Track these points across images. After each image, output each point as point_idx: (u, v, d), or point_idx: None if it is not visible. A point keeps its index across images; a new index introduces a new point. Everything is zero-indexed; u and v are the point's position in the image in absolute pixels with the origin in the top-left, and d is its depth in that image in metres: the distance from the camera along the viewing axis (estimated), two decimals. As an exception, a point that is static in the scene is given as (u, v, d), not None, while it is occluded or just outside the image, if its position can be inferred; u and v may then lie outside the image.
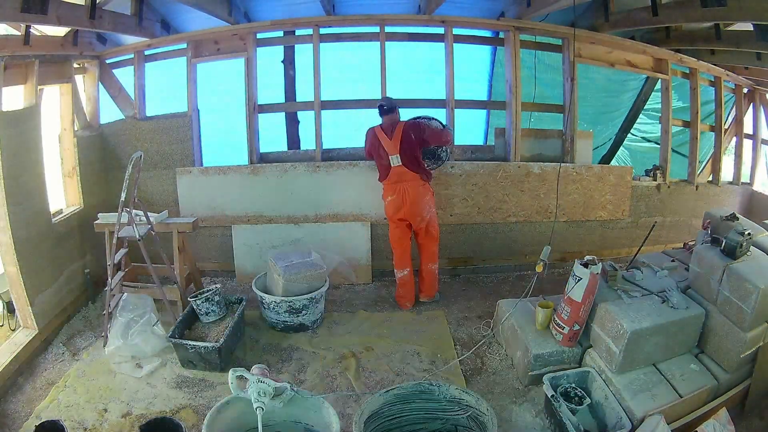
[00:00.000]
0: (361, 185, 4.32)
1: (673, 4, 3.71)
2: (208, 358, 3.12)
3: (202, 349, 3.09)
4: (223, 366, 3.13)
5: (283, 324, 3.61)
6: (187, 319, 3.40)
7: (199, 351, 3.11)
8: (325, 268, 3.72)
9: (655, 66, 4.84)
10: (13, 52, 3.22)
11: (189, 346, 3.11)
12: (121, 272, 3.55)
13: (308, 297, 3.55)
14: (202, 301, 3.39)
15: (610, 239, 4.87)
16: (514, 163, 4.46)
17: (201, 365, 3.15)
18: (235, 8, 4.30)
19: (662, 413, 2.49)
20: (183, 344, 3.12)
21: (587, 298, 2.90)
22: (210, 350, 3.09)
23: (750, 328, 2.62)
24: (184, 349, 3.13)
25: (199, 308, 3.41)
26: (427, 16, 4.28)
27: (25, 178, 3.34)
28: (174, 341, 3.14)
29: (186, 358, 3.16)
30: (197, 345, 3.10)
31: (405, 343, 3.54)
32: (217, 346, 3.07)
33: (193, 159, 4.39)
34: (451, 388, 2.52)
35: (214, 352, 3.09)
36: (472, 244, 4.68)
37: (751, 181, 5.72)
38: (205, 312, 3.41)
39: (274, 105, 4.80)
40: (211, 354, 3.10)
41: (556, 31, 4.47)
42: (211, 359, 3.12)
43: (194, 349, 3.11)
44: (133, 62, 4.36)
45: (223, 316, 3.48)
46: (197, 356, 3.13)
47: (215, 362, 3.12)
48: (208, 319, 3.42)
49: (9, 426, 2.69)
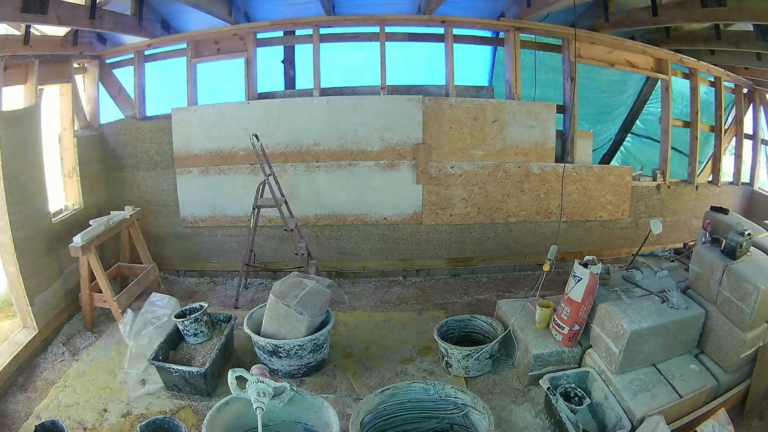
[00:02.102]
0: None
1: (673, 4, 3.71)
2: (194, 383, 2.90)
3: (187, 373, 2.85)
4: (209, 391, 2.92)
5: (306, 368, 3.12)
6: (172, 339, 3.16)
7: (183, 375, 2.86)
8: (327, 287, 3.29)
9: (655, 66, 4.84)
10: (13, 52, 3.22)
11: (173, 370, 2.87)
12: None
13: (328, 329, 3.13)
14: (190, 322, 3.14)
15: (610, 239, 4.87)
16: (514, 162, 4.46)
17: (186, 389, 2.93)
18: (235, 8, 4.30)
19: (662, 413, 2.48)
20: (166, 368, 2.89)
21: (587, 298, 2.90)
22: (195, 375, 2.84)
23: (750, 328, 2.62)
24: (168, 373, 2.90)
25: (186, 329, 3.16)
26: (427, 16, 4.28)
27: (25, 178, 3.34)
28: (157, 364, 2.90)
29: (170, 381, 2.94)
30: (182, 369, 2.85)
31: (405, 343, 3.54)
32: (203, 371, 2.83)
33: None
34: (446, 387, 2.52)
35: (199, 377, 2.84)
36: (472, 244, 4.68)
37: (751, 182, 5.71)
38: (193, 333, 3.17)
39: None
40: (197, 379, 2.86)
41: (556, 31, 4.47)
42: (197, 384, 2.89)
43: (179, 373, 2.86)
44: (133, 62, 4.36)
45: (210, 337, 3.23)
46: (182, 380, 2.90)
47: (201, 387, 2.89)
48: (196, 341, 3.19)
49: (9, 426, 2.69)
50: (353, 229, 4.55)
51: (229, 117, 4.27)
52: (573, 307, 2.93)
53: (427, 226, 4.56)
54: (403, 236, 4.58)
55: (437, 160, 4.39)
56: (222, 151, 4.32)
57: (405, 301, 4.21)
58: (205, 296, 4.28)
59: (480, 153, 4.42)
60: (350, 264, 4.62)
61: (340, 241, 4.58)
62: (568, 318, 2.96)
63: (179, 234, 4.56)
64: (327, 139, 4.31)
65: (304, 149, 4.32)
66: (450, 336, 3.33)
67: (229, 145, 4.30)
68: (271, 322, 3.09)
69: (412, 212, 4.50)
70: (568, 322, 2.97)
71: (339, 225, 4.53)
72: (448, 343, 3.16)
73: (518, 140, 4.43)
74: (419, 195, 4.46)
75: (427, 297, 4.28)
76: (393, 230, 4.56)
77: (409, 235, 4.59)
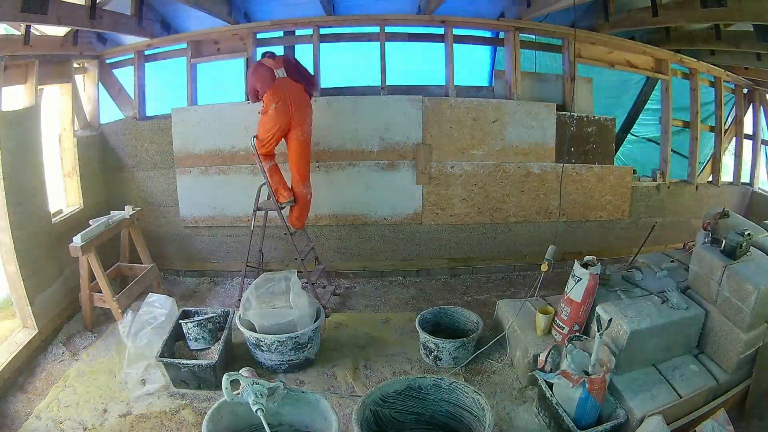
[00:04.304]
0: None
1: (673, 5, 3.71)
2: (203, 377, 2.97)
3: (196, 367, 2.95)
4: (218, 383, 2.86)
5: (287, 364, 3.19)
6: (172, 338, 3.21)
7: (192, 369, 2.96)
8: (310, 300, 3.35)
9: (655, 66, 4.83)
10: (13, 52, 3.22)
11: (182, 365, 2.96)
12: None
13: (311, 329, 3.18)
14: (194, 326, 3.19)
15: (610, 240, 4.87)
16: (514, 162, 4.46)
17: (194, 384, 3.00)
18: (235, 8, 4.30)
19: (662, 413, 2.49)
20: (175, 364, 2.96)
21: (587, 299, 2.90)
22: (205, 368, 2.94)
23: (750, 328, 2.62)
24: (176, 368, 2.98)
25: (188, 332, 3.21)
26: (427, 16, 4.28)
27: (25, 178, 3.34)
28: (164, 361, 2.97)
29: (178, 377, 3.00)
30: (191, 364, 2.95)
31: (405, 343, 3.54)
32: (212, 363, 2.94)
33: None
34: (465, 388, 2.51)
35: (209, 369, 2.94)
36: (472, 244, 4.68)
37: (751, 182, 5.71)
38: (194, 338, 3.21)
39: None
40: (206, 372, 2.95)
41: (556, 31, 4.47)
42: (206, 377, 2.97)
43: (187, 368, 2.96)
44: (133, 62, 4.36)
45: (210, 346, 3.24)
46: (191, 375, 2.98)
47: (211, 380, 2.97)
48: (197, 346, 3.22)
49: (9, 426, 2.69)
50: (353, 229, 4.55)
51: (229, 117, 4.27)
52: (573, 308, 2.94)
53: (427, 226, 4.57)
54: (403, 236, 4.59)
55: (437, 160, 4.39)
56: (222, 151, 4.32)
57: (405, 301, 4.21)
58: (205, 296, 4.29)
59: (480, 153, 4.42)
60: (350, 264, 4.62)
61: (340, 241, 4.58)
62: (568, 318, 2.97)
63: (179, 234, 4.56)
64: (327, 139, 4.30)
65: (304, 149, 4.31)
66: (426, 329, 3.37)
67: (229, 145, 4.30)
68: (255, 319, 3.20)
69: (412, 212, 4.51)
70: (568, 322, 2.98)
71: (339, 225, 4.53)
72: (440, 338, 3.23)
73: (518, 140, 4.43)
74: (419, 195, 4.46)
75: (427, 297, 4.28)
76: (393, 230, 4.57)
77: (409, 235, 4.59)
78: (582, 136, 4.53)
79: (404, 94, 4.32)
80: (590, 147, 4.57)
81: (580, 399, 2.49)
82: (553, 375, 2.63)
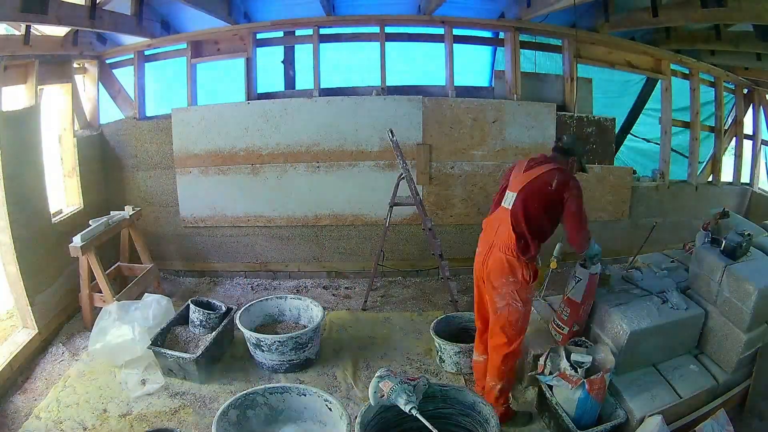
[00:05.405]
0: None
1: (673, 5, 3.70)
2: (186, 369, 3.05)
3: (180, 359, 3.03)
4: (203, 378, 3.07)
5: (288, 364, 3.20)
6: (179, 319, 3.37)
7: (177, 360, 3.04)
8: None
9: (655, 66, 4.83)
10: (13, 52, 3.22)
11: (168, 355, 3.05)
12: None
13: (312, 329, 3.22)
14: (199, 314, 3.30)
15: (610, 240, 4.86)
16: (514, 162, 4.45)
17: (180, 374, 3.09)
18: (235, 8, 4.30)
19: (662, 414, 2.48)
20: (162, 353, 3.07)
21: (587, 299, 2.90)
22: (188, 361, 3.01)
23: (750, 328, 2.62)
24: (164, 357, 3.07)
25: (192, 315, 3.33)
26: (427, 17, 4.28)
27: (25, 178, 3.34)
28: (154, 350, 3.08)
29: (166, 366, 3.11)
30: (176, 355, 3.04)
31: (405, 343, 3.54)
32: (194, 357, 2.99)
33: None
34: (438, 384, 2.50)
35: (191, 363, 3.01)
36: (473, 245, 4.63)
37: (751, 182, 5.70)
38: (199, 323, 3.33)
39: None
40: (189, 365, 3.02)
41: (556, 31, 4.47)
42: (189, 370, 3.05)
43: (173, 358, 3.05)
44: (133, 62, 4.36)
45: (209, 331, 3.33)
46: (176, 365, 3.07)
47: (194, 374, 3.05)
48: (195, 331, 3.33)
49: (9, 426, 2.69)
50: (353, 229, 4.55)
51: (229, 117, 4.28)
52: (573, 308, 2.93)
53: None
54: (403, 236, 4.58)
55: (437, 161, 4.39)
56: (222, 151, 4.32)
57: (405, 301, 4.21)
58: (204, 296, 4.25)
59: (480, 153, 4.42)
60: (350, 264, 4.62)
61: (340, 241, 4.58)
62: (568, 318, 2.97)
63: (179, 234, 4.56)
64: (327, 140, 4.30)
65: (304, 149, 4.31)
66: (445, 332, 3.40)
67: (229, 145, 4.30)
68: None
69: (413, 212, 4.49)
70: (568, 323, 2.97)
71: (339, 225, 4.52)
72: (442, 339, 3.25)
73: (518, 140, 4.42)
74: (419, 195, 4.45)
75: (427, 297, 4.28)
76: (393, 230, 4.56)
77: (410, 235, 4.58)
78: (582, 136, 4.53)
79: (404, 95, 4.32)
80: (590, 147, 4.57)
81: (579, 399, 2.50)
82: (550, 378, 2.64)
